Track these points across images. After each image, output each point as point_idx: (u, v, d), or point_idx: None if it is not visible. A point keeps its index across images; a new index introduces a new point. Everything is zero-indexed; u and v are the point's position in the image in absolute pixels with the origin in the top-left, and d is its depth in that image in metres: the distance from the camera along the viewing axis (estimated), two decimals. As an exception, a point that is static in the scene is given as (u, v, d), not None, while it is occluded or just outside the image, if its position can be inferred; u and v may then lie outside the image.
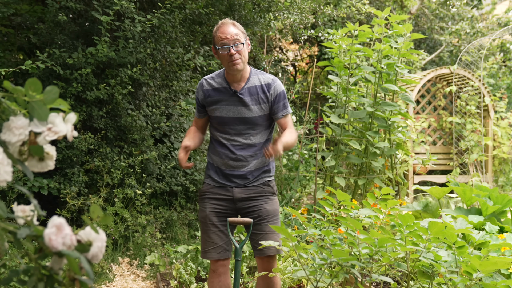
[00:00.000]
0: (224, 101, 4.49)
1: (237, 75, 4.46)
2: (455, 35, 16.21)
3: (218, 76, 4.58)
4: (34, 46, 8.04)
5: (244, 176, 4.55)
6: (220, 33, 4.37)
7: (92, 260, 1.59)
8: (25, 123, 1.56)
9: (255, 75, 4.55)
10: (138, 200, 7.72)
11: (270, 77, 4.56)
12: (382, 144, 7.24)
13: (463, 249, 3.96)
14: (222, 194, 4.55)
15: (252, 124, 4.50)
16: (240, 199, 4.54)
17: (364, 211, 4.33)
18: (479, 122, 11.81)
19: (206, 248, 4.55)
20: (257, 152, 4.56)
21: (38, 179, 7.37)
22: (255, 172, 4.57)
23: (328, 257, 3.74)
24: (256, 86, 4.49)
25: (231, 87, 4.48)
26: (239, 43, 4.35)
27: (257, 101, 4.47)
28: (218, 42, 4.37)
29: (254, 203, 4.54)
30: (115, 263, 7.02)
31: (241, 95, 4.46)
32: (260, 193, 4.56)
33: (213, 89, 4.53)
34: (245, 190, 4.55)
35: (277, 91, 4.50)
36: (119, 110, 7.92)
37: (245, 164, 4.54)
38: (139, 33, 7.70)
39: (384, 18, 7.22)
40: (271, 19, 10.03)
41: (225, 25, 4.40)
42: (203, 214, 4.58)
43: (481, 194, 6.26)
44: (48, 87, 1.58)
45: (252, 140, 4.53)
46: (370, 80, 7.42)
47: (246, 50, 4.43)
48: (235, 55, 4.33)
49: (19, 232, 1.53)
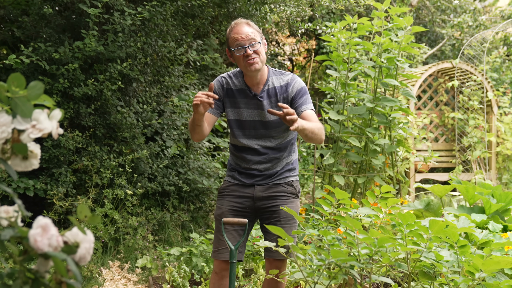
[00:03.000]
0: (243, 103, 4.45)
1: (256, 76, 4.40)
2: (457, 28, 16.22)
3: (236, 76, 4.51)
4: (18, 40, 8.01)
5: (267, 176, 4.55)
6: (235, 33, 4.31)
7: (79, 262, 1.59)
8: (7, 120, 1.56)
9: (274, 75, 4.49)
10: (128, 201, 7.70)
11: (288, 76, 4.49)
12: (382, 141, 7.25)
13: (466, 248, 3.97)
14: (243, 191, 4.54)
15: (273, 127, 4.46)
16: (260, 198, 4.52)
17: (364, 210, 4.34)
18: (482, 118, 11.82)
19: (219, 247, 4.51)
20: (279, 154, 4.55)
21: (23, 180, 7.34)
22: (279, 170, 4.57)
23: (326, 258, 3.74)
24: (275, 87, 4.44)
25: (250, 90, 4.44)
26: (255, 42, 4.29)
27: (276, 103, 4.41)
28: (233, 44, 4.31)
29: (274, 203, 4.51)
30: (105, 267, 7.02)
31: (261, 98, 4.42)
32: (281, 193, 4.53)
33: (233, 90, 4.49)
34: (267, 189, 4.53)
35: (296, 89, 4.43)
36: (108, 107, 7.91)
37: (268, 166, 4.53)
38: (129, 27, 7.67)
39: (384, 10, 7.22)
40: (267, 11, 10.03)
41: (239, 25, 4.35)
42: (219, 211, 4.56)
43: (484, 192, 6.27)
44: (32, 82, 1.57)
45: (274, 143, 4.51)
46: (369, 75, 7.43)
47: (263, 49, 4.37)
48: (252, 54, 4.27)
49: (2, 234, 1.53)
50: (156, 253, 7.54)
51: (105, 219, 7.45)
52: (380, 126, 7.53)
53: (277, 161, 4.55)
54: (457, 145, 12.22)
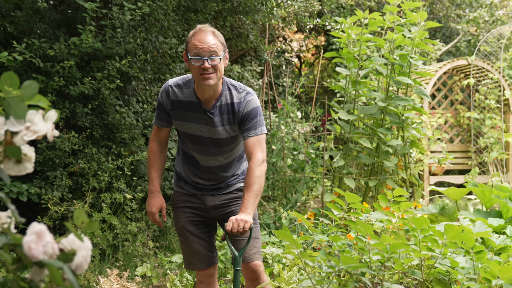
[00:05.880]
0: (192, 117, 4.36)
1: (208, 90, 4.27)
2: (473, 23, 16.19)
3: (186, 86, 4.39)
4: (10, 36, 8.00)
5: (215, 188, 4.57)
6: (196, 40, 4.17)
7: (76, 271, 1.59)
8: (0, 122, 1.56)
9: (228, 90, 4.35)
10: (128, 206, 7.70)
11: (242, 94, 4.35)
12: (395, 142, 7.25)
13: (482, 254, 3.97)
14: (194, 201, 4.56)
15: (223, 145, 4.42)
16: (213, 207, 4.55)
17: (376, 214, 4.34)
18: (499, 118, 11.80)
19: (191, 259, 4.55)
20: (228, 172, 4.56)
21: (16, 184, 7.33)
22: (228, 183, 4.59)
23: (336, 265, 3.74)
24: (228, 104, 4.32)
25: (201, 104, 4.33)
26: (215, 56, 4.14)
27: (227, 121, 4.33)
28: (192, 51, 4.18)
29: (229, 210, 4.52)
30: (103, 275, 7.02)
31: (212, 114, 4.31)
32: (233, 199, 4.55)
33: (181, 102, 4.38)
34: (217, 197, 4.55)
35: (246, 110, 4.30)
36: (106, 106, 7.91)
37: (215, 181, 4.56)
38: (128, 22, 7.66)
39: (397, 5, 7.23)
40: (273, 6, 10.02)
41: (203, 32, 4.20)
42: (178, 225, 4.59)
43: (501, 195, 6.27)
44: (26, 81, 1.57)
45: (223, 162, 4.50)
46: (381, 73, 7.43)
47: (223, 65, 4.22)
48: (208, 69, 4.12)
49: (-5, 241, 1.53)
50: (156, 260, 7.54)
51: (103, 225, 7.45)
52: (393, 127, 7.53)
53: (224, 178, 4.57)
54: (473, 146, 12.20)
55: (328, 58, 15.72)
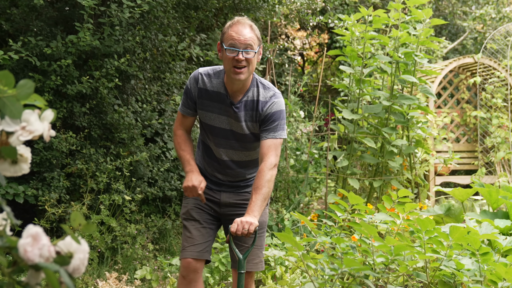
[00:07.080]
0: (217, 108, 4.39)
1: (237, 84, 4.31)
2: (480, 20, 16.18)
3: (216, 76, 4.42)
4: (6, 34, 8.00)
5: (233, 185, 4.58)
6: (233, 31, 4.21)
7: (73, 274, 1.59)
8: (-5, 121, 1.56)
9: (256, 86, 4.40)
10: (127, 207, 7.69)
11: (270, 93, 4.39)
12: (400, 142, 7.25)
13: (488, 256, 3.97)
14: (210, 194, 4.56)
15: (244, 141, 4.44)
16: (226, 204, 4.56)
17: (380, 216, 4.34)
18: (506, 117, 11.79)
19: (185, 245, 4.49)
20: (247, 170, 4.58)
21: (12, 185, 7.32)
22: (247, 181, 4.60)
23: (339, 267, 3.74)
24: (253, 101, 4.36)
25: (228, 96, 4.36)
26: (250, 49, 4.20)
27: (250, 117, 4.36)
28: (227, 41, 4.21)
29: (241, 211, 4.51)
30: (101, 279, 7.02)
31: (237, 108, 4.35)
32: (248, 200, 4.53)
33: (208, 91, 4.41)
34: (233, 196, 4.57)
35: (270, 110, 4.32)
36: (104, 106, 7.90)
37: (233, 178, 4.57)
38: (127, 19, 7.64)
39: (402, 2, 7.23)
40: (275, 3, 10.02)
41: (241, 24, 4.25)
42: (184, 210, 4.58)
43: (508, 196, 6.26)
44: (21, 80, 1.57)
45: (244, 158, 4.52)
46: (386, 71, 7.43)
47: (256, 59, 4.27)
48: (242, 61, 4.17)
49: (-10, 243, 1.53)
50: (156, 263, 7.53)
51: (101, 227, 7.45)
52: (398, 126, 7.53)
53: (243, 175, 4.59)
54: (480, 146, 12.20)
55: (331, 56, 15.72)
